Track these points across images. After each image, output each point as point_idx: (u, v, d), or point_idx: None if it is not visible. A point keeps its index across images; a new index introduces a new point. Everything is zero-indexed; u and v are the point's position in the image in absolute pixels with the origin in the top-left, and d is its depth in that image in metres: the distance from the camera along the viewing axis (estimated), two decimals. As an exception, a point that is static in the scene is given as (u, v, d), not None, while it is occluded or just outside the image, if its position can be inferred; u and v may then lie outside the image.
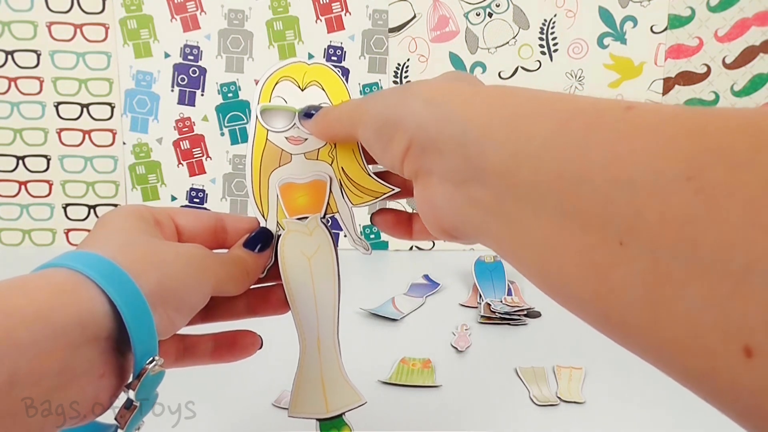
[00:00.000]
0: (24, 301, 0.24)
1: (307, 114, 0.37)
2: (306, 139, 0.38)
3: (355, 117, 0.33)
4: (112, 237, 0.30)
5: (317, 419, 0.38)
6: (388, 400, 0.50)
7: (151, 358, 0.28)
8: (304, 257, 0.38)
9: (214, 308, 0.36)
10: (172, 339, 0.34)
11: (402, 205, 0.82)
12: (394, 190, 0.37)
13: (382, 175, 0.38)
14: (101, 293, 0.26)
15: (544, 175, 0.23)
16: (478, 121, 0.26)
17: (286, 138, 0.38)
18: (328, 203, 0.38)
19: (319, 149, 0.38)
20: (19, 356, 0.23)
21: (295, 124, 0.38)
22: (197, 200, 0.87)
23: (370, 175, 0.38)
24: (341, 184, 0.38)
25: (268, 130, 0.38)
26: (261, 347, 0.37)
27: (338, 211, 0.38)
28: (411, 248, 0.88)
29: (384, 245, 0.87)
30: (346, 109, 0.35)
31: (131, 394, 0.28)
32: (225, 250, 0.36)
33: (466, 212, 0.27)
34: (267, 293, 0.38)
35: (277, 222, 0.37)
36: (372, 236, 0.87)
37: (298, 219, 0.38)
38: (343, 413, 0.38)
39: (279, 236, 0.37)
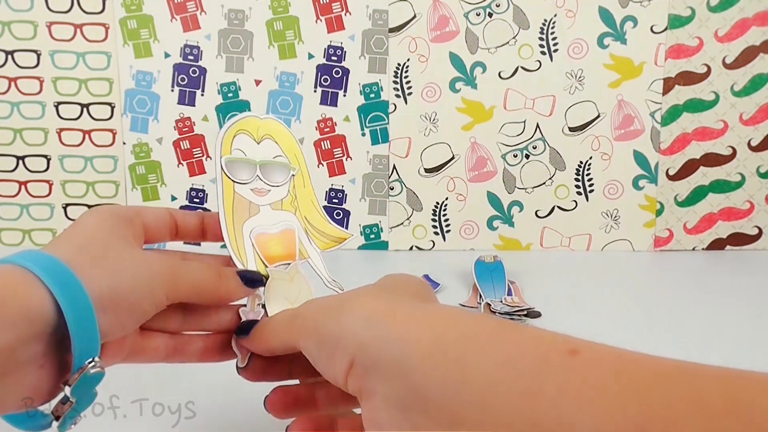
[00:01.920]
0: None
1: (243, 330, 0.37)
2: (269, 191, 0.41)
3: (294, 330, 0.33)
4: (74, 238, 0.32)
5: None
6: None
7: (90, 359, 0.29)
8: (288, 303, 0.40)
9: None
10: (163, 337, 0.36)
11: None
12: (352, 235, 0.42)
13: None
14: (50, 293, 0.28)
15: (491, 417, 0.23)
16: (420, 346, 0.26)
17: (251, 189, 0.41)
18: (299, 250, 0.41)
19: (282, 200, 0.41)
20: None
21: (257, 176, 0.41)
22: (197, 200, 0.87)
23: (330, 223, 0.42)
24: (307, 232, 0.42)
25: (234, 183, 0.40)
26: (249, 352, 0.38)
27: (309, 257, 0.41)
28: (411, 248, 0.88)
29: (384, 245, 0.87)
30: (282, 322, 0.34)
31: (68, 390, 0.29)
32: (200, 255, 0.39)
33: None
34: (188, 341, 0.38)
35: (258, 272, 0.40)
36: (372, 236, 0.87)
37: (278, 266, 0.40)
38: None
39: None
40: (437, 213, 0.87)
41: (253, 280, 0.38)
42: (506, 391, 0.23)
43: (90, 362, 0.29)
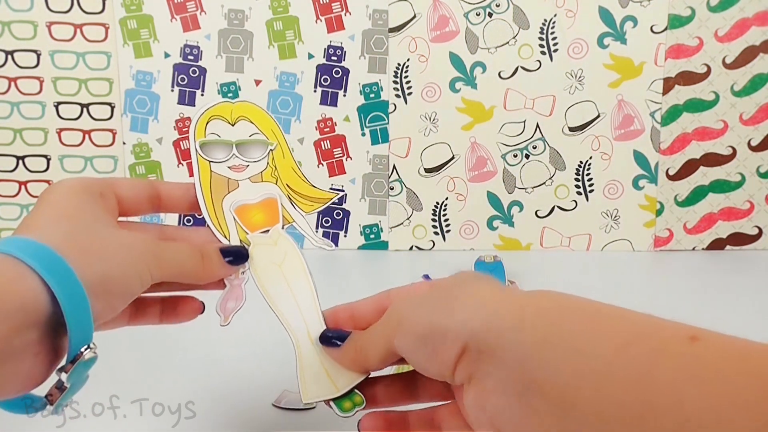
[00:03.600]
0: None
1: (328, 339, 0.36)
2: (248, 166, 0.41)
3: (389, 330, 0.32)
4: (58, 222, 0.32)
5: (331, 399, 0.38)
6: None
7: (86, 345, 0.30)
8: (275, 266, 0.40)
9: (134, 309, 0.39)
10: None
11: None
12: (340, 194, 0.41)
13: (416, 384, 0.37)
14: (43, 283, 0.28)
15: (607, 400, 0.23)
16: (536, 332, 0.26)
17: (229, 167, 0.41)
18: (282, 216, 0.41)
19: (261, 172, 0.41)
20: None
21: (234, 154, 0.41)
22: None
23: (314, 186, 0.42)
24: (290, 199, 0.41)
25: (210, 162, 0.40)
26: (203, 312, 0.40)
27: (294, 221, 0.41)
28: (411, 248, 0.88)
29: (384, 245, 0.87)
30: (376, 329, 0.34)
31: (63, 376, 0.30)
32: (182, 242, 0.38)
33: (525, 422, 0.26)
34: (177, 303, 0.40)
35: (240, 241, 0.40)
36: (372, 236, 0.87)
37: (261, 233, 0.40)
38: (353, 388, 0.39)
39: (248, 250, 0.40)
40: (437, 213, 0.87)
41: (236, 257, 0.38)
42: (623, 376, 0.23)
43: (85, 349, 0.30)
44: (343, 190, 0.42)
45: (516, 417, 0.26)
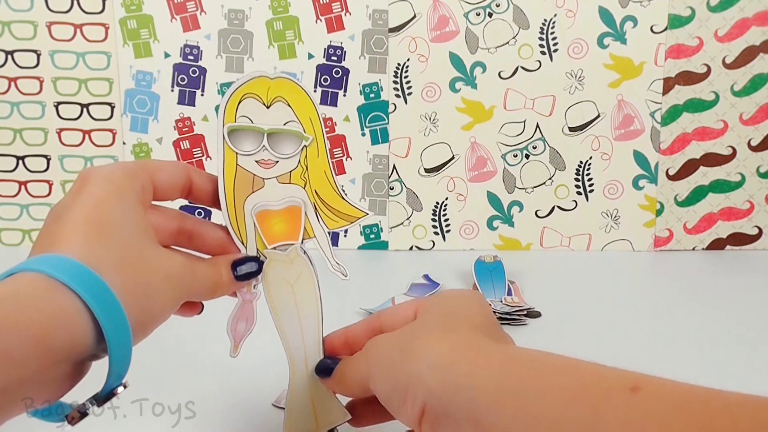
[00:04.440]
0: (23, 319, 0.25)
1: (323, 371, 0.38)
2: (277, 162, 0.37)
3: (364, 372, 0.34)
4: (104, 238, 0.30)
5: None
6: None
7: (121, 384, 0.30)
8: (288, 284, 0.38)
9: None
10: None
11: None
12: (368, 213, 0.38)
13: None
14: (93, 320, 0.27)
15: None
16: (487, 393, 0.27)
17: (256, 161, 0.37)
18: (304, 228, 0.38)
19: (291, 172, 0.38)
20: (11, 370, 0.25)
21: (264, 146, 0.37)
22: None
23: (344, 199, 0.38)
24: (316, 209, 0.38)
25: (237, 154, 0.37)
26: (200, 312, 0.38)
27: (315, 236, 0.38)
28: (411, 248, 0.88)
29: (384, 245, 0.87)
30: (354, 366, 0.36)
31: (94, 409, 0.29)
32: (205, 256, 0.37)
33: None
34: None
35: (258, 251, 0.38)
36: (372, 236, 0.87)
37: (279, 247, 0.38)
38: (333, 429, 0.39)
39: (263, 263, 0.38)
40: (437, 213, 0.87)
41: (248, 274, 0.37)
42: (572, 428, 0.24)
43: (119, 386, 0.30)
44: (369, 213, 0.39)
45: None
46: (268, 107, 0.37)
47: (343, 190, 0.38)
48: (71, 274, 0.27)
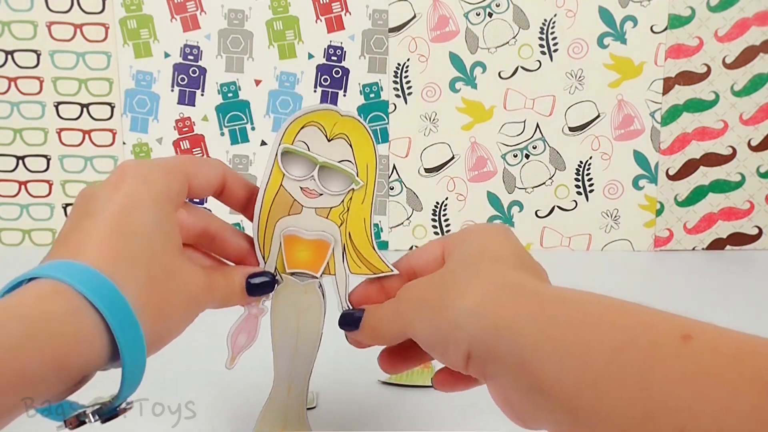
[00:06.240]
0: (44, 338, 0.25)
1: (348, 323, 0.37)
2: (321, 195, 0.37)
3: (400, 322, 0.33)
4: (133, 257, 0.29)
5: None
6: (388, 400, 0.50)
7: (129, 402, 0.30)
8: (295, 311, 0.39)
9: None
10: None
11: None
12: (393, 271, 0.37)
13: None
14: (110, 339, 0.27)
15: (607, 405, 0.23)
16: (529, 337, 0.26)
17: (301, 188, 0.37)
18: (327, 264, 0.38)
19: (331, 208, 0.37)
20: (25, 389, 0.25)
21: (312, 176, 0.37)
22: (197, 200, 0.87)
23: (375, 250, 0.38)
24: (344, 250, 0.38)
25: (284, 175, 0.37)
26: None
27: (335, 274, 0.38)
28: (411, 248, 0.88)
29: (384, 245, 0.87)
30: (387, 316, 0.35)
31: (98, 423, 0.29)
32: (220, 266, 0.37)
33: (540, 416, 0.27)
34: None
35: (276, 269, 0.38)
36: (372, 236, 0.87)
37: (297, 274, 0.38)
38: None
39: (276, 282, 0.38)
40: (437, 213, 0.87)
41: (261, 289, 0.37)
42: (620, 379, 0.23)
43: (128, 404, 0.30)
44: (395, 271, 0.39)
45: (532, 411, 0.27)
46: (329, 140, 0.37)
47: (376, 243, 0.38)
48: (97, 292, 0.27)
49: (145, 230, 0.30)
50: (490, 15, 0.83)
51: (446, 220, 0.87)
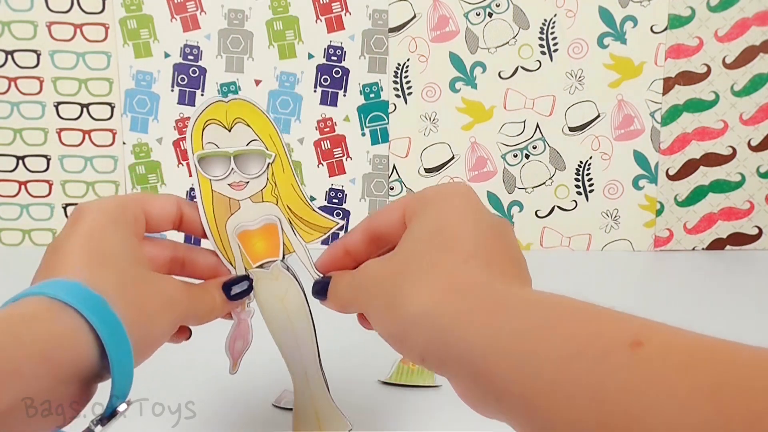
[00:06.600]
0: (30, 337, 0.27)
1: (319, 291, 0.38)
2: (248, 183, 0.39)
3: (357, 303, 0.35)
4: (102, 264, 0.31)
5: None
6: (388, 400, 0.50)
7: (124, 403, 0.30)
8: (278, 300, 0.40)
9: None
10: None
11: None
12: (340, 223, 0.39)
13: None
14: (96, 339, 0.28)
15: (561, 417, 0.22)
16: (481, 345, 0.26)
17: (229, 185, 0.39)
18: (284, 244, 0.39)
19: (261, 190, 0.39)
20: (21, 387, 0.26)
21: (233, 168, 0.38)
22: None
23: (315, 211, 0.39)
24: (291, 223, 0.39)
25: (210, 180, 0.39)
26: (189, 338, 0.39)
27: (295, 251, 0.39)
28: (411, 248, 0.88)
29: (384, 245, 0.87)
30: (345, 292, 0.36)
31: (97, 429, 0.30)
32: (197, 281, 0.39)
33: (500, 416, 0.26)
34: None
35: (246, 270, 0.39)
36: (372, 236, 0.87)
37: (263, 265, 0.39)
38: None
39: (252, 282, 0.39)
40: (437, 213, 0.87)
41: (240, 293, 0.38)
42: (572, 389, 0.22)
43: (122, 405, 0.30)
44: (342, 221, 0.40)
45: (492, 411, 0.27)
46: (229, 130, 0.39)
47: (312, 200, 0.39)
48: (74, 295, 0.29)
49: (113, 248, 0.32)
50: (490, 15, 0.83)
51: (446, 220, 0.87)
